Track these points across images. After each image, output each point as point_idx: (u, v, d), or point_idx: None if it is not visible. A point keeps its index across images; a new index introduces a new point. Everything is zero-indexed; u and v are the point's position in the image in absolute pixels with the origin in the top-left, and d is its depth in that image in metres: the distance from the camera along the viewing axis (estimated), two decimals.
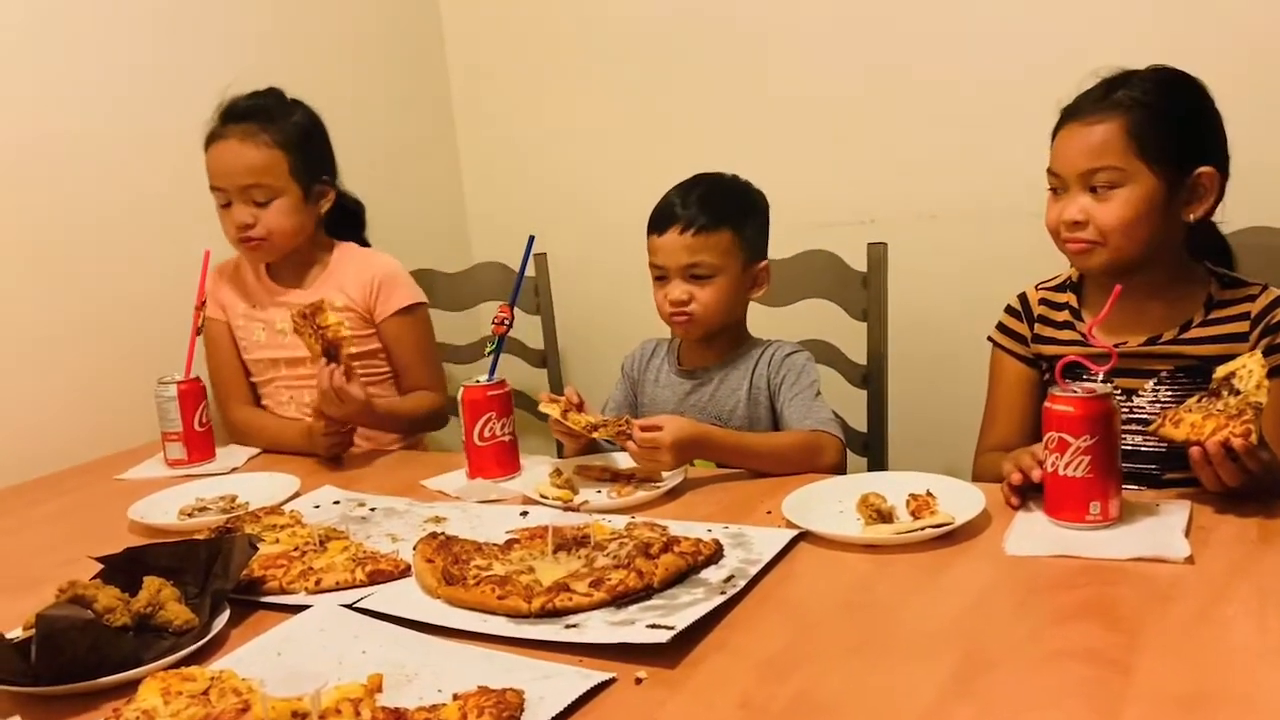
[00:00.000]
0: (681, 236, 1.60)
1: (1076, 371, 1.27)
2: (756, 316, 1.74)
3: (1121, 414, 1.19)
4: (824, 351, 1.91)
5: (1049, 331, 1.52)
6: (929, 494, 1.26)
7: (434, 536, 1.24)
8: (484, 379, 1.58)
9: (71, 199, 1.89)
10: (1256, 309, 1.39)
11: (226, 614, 1.10)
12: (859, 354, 1.95)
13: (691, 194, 1.63)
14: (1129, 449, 1.37)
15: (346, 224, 2.01)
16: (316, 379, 1.67)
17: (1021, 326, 1.55)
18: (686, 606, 1.04)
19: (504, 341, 1.61)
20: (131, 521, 1.47)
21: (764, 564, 1.14)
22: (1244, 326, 1.39)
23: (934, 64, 2.14)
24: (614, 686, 0.92)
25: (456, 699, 0.89)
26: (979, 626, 1.00)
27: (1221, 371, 1.21)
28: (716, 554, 1.17)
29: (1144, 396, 1.41)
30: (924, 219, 2.18)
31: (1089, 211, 1.37)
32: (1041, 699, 0.87)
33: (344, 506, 1.48)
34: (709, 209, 1.60)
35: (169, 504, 1.53)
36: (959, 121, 2.13)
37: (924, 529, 1.18)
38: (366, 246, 2.03)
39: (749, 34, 2.32)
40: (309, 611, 1.11)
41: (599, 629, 1.01)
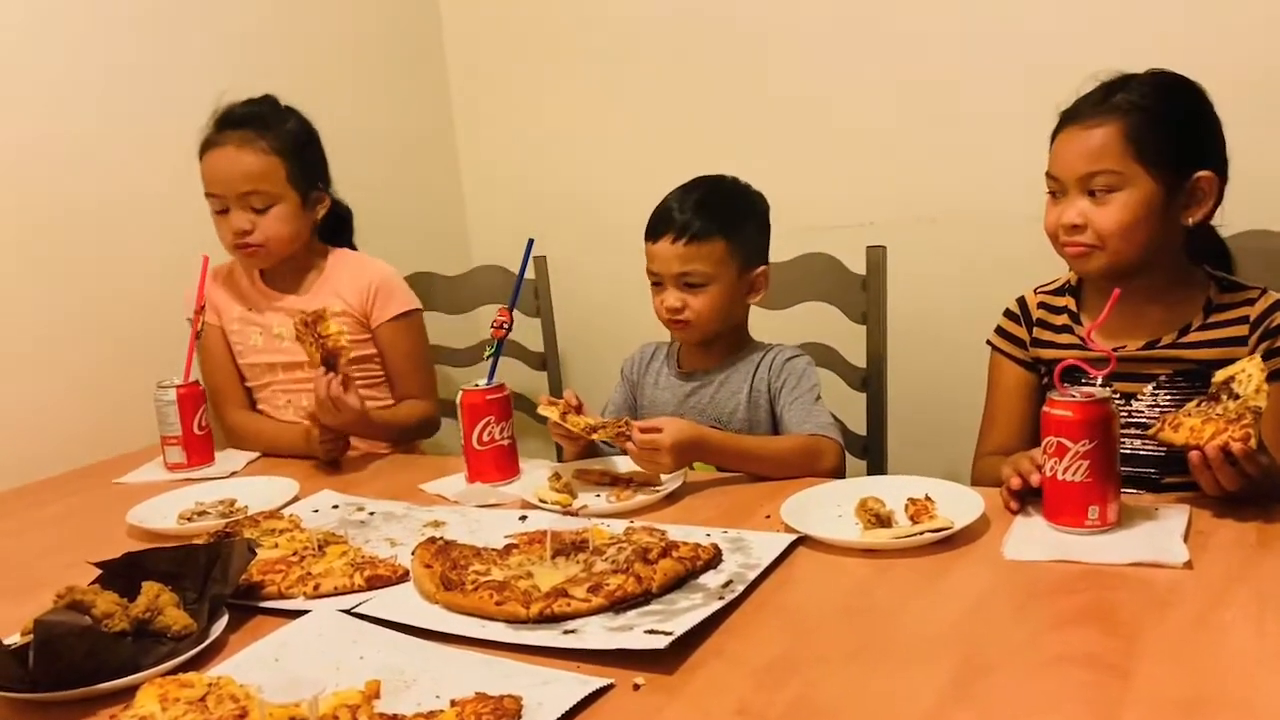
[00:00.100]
0: (674, 245, 1.60)
1: (1075, 375, 1.27)
2: (755, 319, 1.74)
3: (1120, 418, 1.19)
4: (823, 354, 1.92)
5: (1047, 335, 1.51)
6: (928, 498, 1.26)
7: (432, 541, 1.24)
8: (483, 383, 1.58)
9: (70, 202, 1.89)
10: (1255, 312, 1.39)
11: (225, 619, 1.09)
12: (858, 357, 1.95)
13: (687, 201, 1.62)
14: (1128, 453, 1.37)
15: (336, 230, 2.02)
16: (314, 387, 1.68)
17: (1020, 330, 1.55)
18: (685, 612, 1.04)
19: (503, 345, 1.61)
20: (130, 526, 1.46)
21: (762, 569, 1.14)
22: (1243, 330, 1.39)
23: (933, 67, 2.14)
24: (612, 692, 0.92)
25: (454, 705, 0.89)
26: (978, 631, 1.00)
27: (1221, 376, 1.21)
28: (715, 559, 1.17)
29: (1143, 400, 1.41)
30: (923, 222, 2.18)
31: (1087, 215, 1.37)
32: (1040, 704, 0.87)
33: (343, 511, 1.48)
34: (702, 217, 1.60)
35: (168, 508, 1.53)
36: (958, 125, 2.13)
37: (922, 533, 1.18)
38: (356, 252, 2.04)
39: (749, 36, 2.32)
40: (307, 617, 1.11)
41: (597, 634, 1.01)
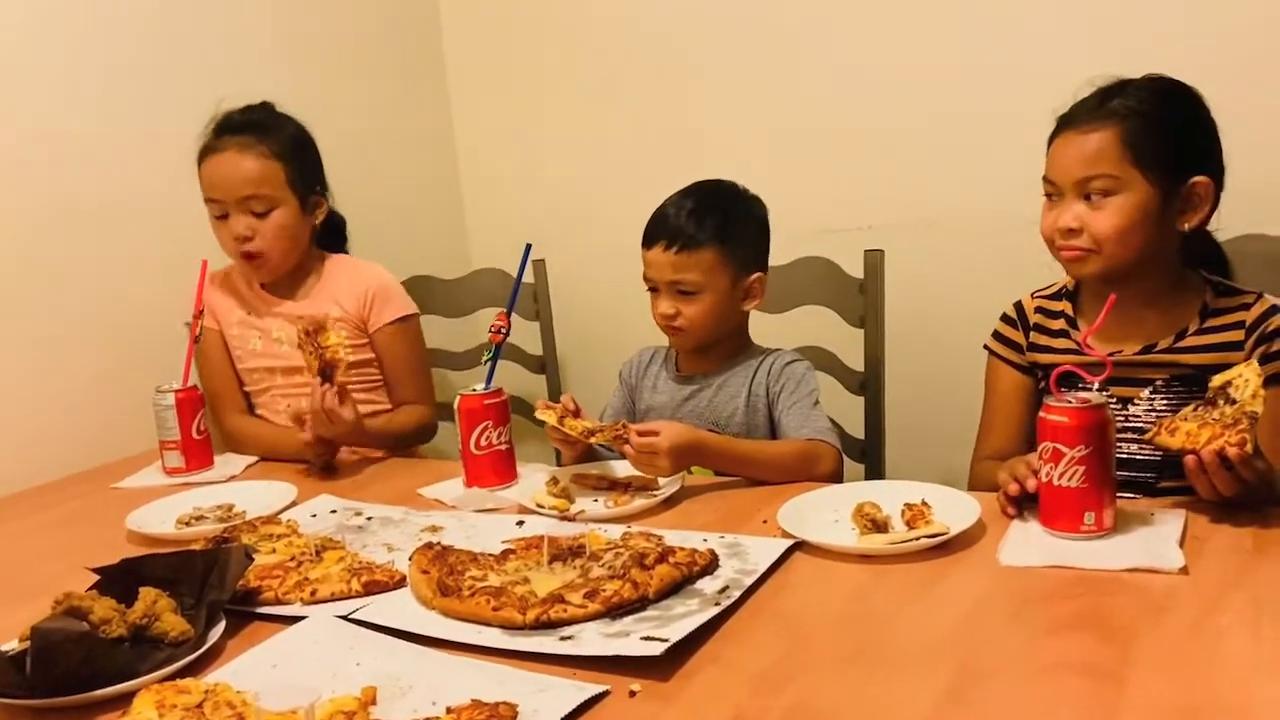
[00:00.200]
0: (666, 254, 1.60)
1: (1071, 381, 1.27)
2: (752, 322, 1.74)
3: (1117, 423, 1.19)
4: (821, 358, 1.92)
5: (1044, 340, 1.52)
6: (924, 503, 1.26)
7: (429, 547, 1.24)
8: (480, 387, 1.58)
9: (69, 205, 1.89)
10: (1251, 317, 1.39)
11: (222, 625, 1.09)
12: (856, 361, 1.95)
13: (681, 208, 1.62)
14: (1124, 457, 1.37)
15: (331, 237, 2.03)
16: (309, 397, 1.68)
17: (1017, 335, 1.55)
18: (681, 618, 1.04)
19: (501, 350, 1.61)
20: (129, 531, 1.46)
21: (759, 575, 1.14)
22: (1239, 335, 1.39)
23: (931, 70, 2.14)
24: (608, 699, 0.92)
25: (450, 712, 0.89)
26: (974, 637, 1.00)
27: (1217, 380, 1.21)
28: (712, 564, 1.17)
29: (1139, 405, 1.41)
30: (921, 226, 2.18)
31: (1083, 219, 1.37)
32: (1036, 710, 0.87)
33: (340, 515, 1.48)
34: (695, 225, 1.60)
35: (166, 513, 1.53)
36: (956, 128, 2.13)
37: (919, 539, 1.18)
38: (353, 258, 2.05)
39: (747, 42, 2.32)
40: (304, 623, 1.11)
41: (594, 641, 1.01)
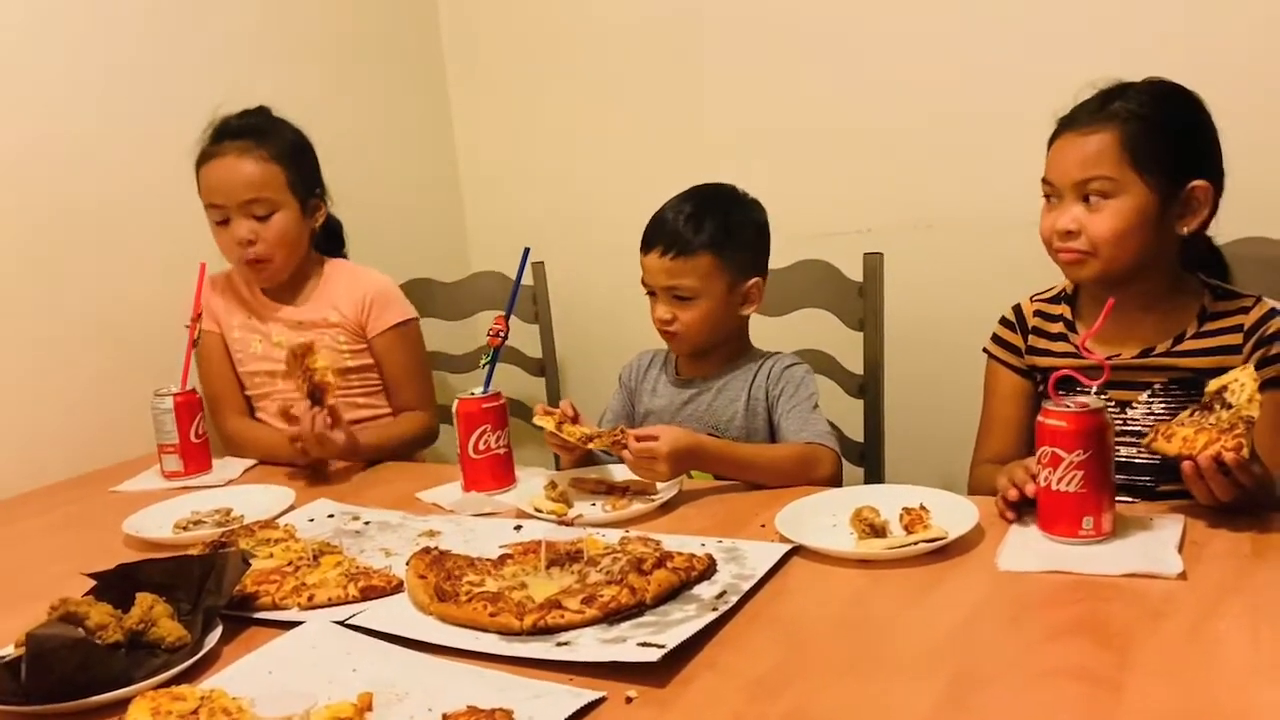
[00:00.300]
0: (662, 259, 1.60)
1: (1070, 384, 1.27)
2: (751, 325, 1.74)
3: (1115, 426, 1.19)
4: (820, 361, 1.91)
5: (1043, 343, 1.51)
6: (922, 508, 1.25)
7: (427, 551, 1.24)
8: (479, 391, 1.58)
9: (68, 206, 1.89)
10: (1250, 321, 1.39)
11: (219, 630, 1.09)
12: (855, 364, 1.94)
13: (680, 213, 1.62)
14: (1123, 461, 1.37)
15: (329, 242, 2.03)
16: (299, 421, 1.68)
17: (1016, 338, 1.55)
18: (678, 623, 1.04)
19: (499, 353, 1.61)
20: (126, 535, 1.46)
21: (756, 580, 1.14)
22: (1237, 339, 1.38)
23: (931, 73, 2.14)
24: (604, 706, 0.92)
25: (446, 718, 0.88)
26: (972, 643, 1.00)
27: (1214, 385, 1.21)
28: (709, 569, 1.17)
29: (1138, 409, 1.41)
30: (920, 229, 2.17)
31: (1081, 222, 1.37)
32: (1034, 716, 0.87)
33: (338, 520, 1.48)
34: (692, 231, 1.60)
35: (164, 517, 1.53)
36: (955, 131, 2.12)
37: (917, 544, 1.18)
38: (352, 263, 2.05)
39: (747, 43, 2.32)
40: (301, 628, 1.11)
41: (590, 647, 1.01)
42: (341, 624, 1.11)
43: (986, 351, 1.59)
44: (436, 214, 2.71)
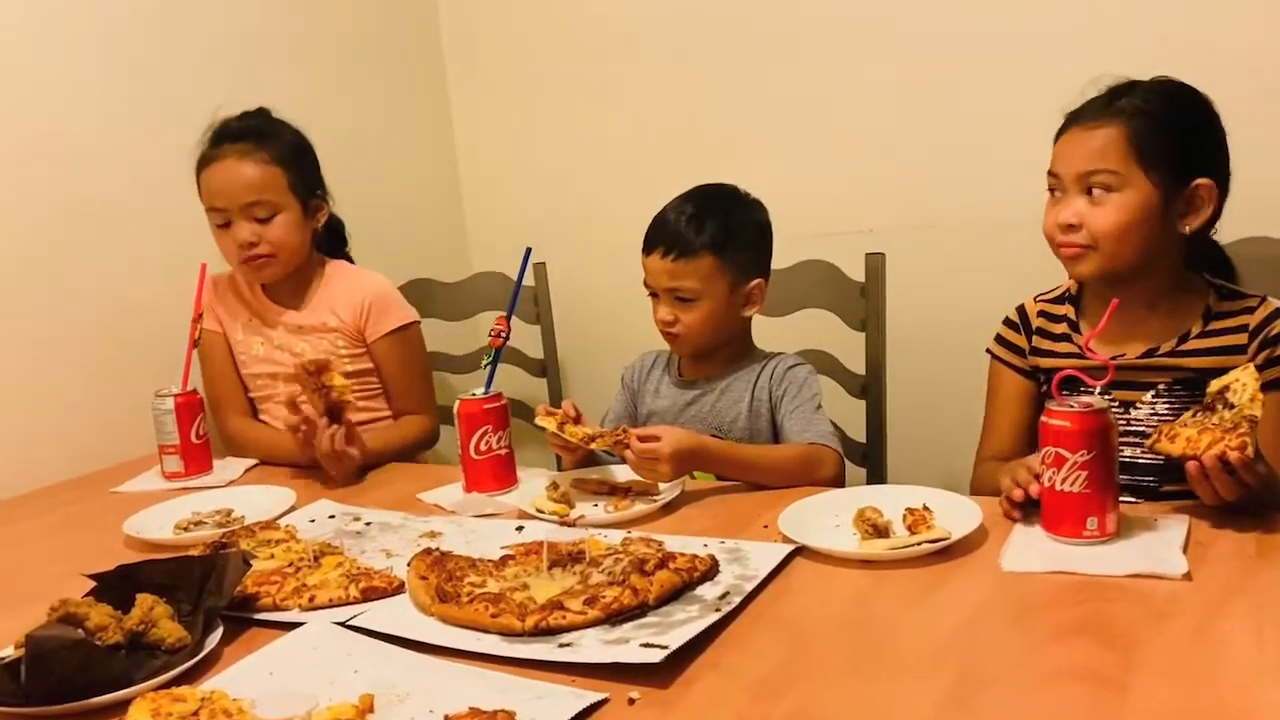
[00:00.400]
0: (664, 261, 1.60)
1: (1074, 385, 1.27)
2: (754, 326, 1.73)
3: (1119, 426, 1.19)
4: (822, 362, 1.91)
5: (1047, 344, 1.51)
6: (925, 508, 1.25)
7: (428, 552, 1.23)
8: (480, 392, 1.57)
9: (67, 210, 1.89)
10: (1255, 321, 1.38)
11: (220, 631, 1.09)
12: (857, 364, 1.94)
13: (681, 214, 1.62)
14: (1127, 461, 1.36)
15: (331, 241, 2.02)
16: (316, 438, 1.66)
17: (1019, 338, 1.55)
18: (681, 624, 1.03)
19: (501, 354, 1.61)
20: (127, 536, 1.46)
21: (760, 580, 1.14)
22: (1242, 339, 1.38)
23: (933, 71, 2.14)
24: (607, 707, 0.91)
25: None
26: (975, 643, 1.00)
27: (1215, 385, 1.20)
28: (712, 570, 1.16)
29: (1142, 409, 1.41)
30: (922, 229, 2.17)
31: (1083, 215, 1.37)
32: (1038, 717, 0.87)
33: (339, 521, 1.48)
34: (693, 232, 1.59)
35: (164, 518, 1.52)
36: (958, 131, 2.12)
37: (920, 544, 1.18)
38: (351, 263, 2.04)
39: (749, 44, 2.32)
40: (302, 629, 1.10)
41: (593, 648, 1.01)
42: (342, 625, 1.10)
43: (990, 352, 1.58)
44: (437, 214, 2.71)
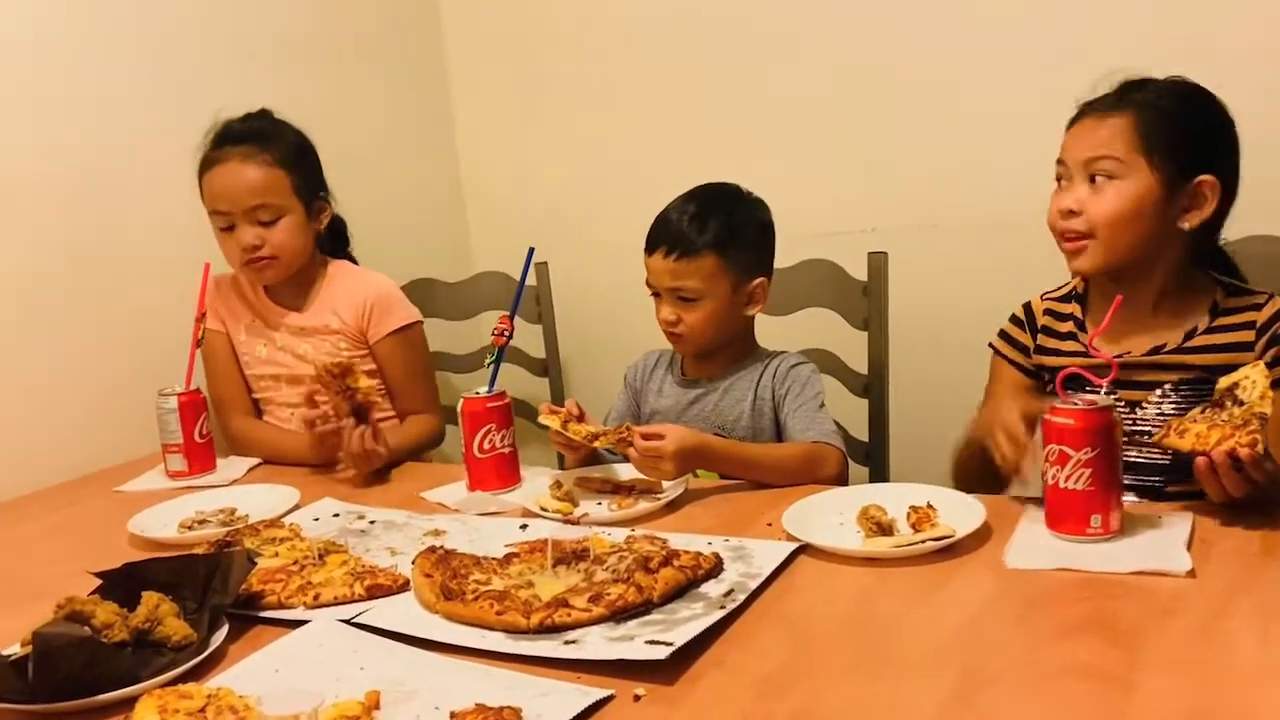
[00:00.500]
0: (666, 260, 1.60)
1: (1079, 384, 1.27)
2: (756, 325, 1.73)
3: (1125, 426, 1.19)
4: (825, 361, 1.91)
5: (1052, 343, 1.51)
6: (929, 506, 1.25)
7: (433, 550, 1.23)
8: (484, 390, 1.58)
9: (70, 211, 1.89)
10: (1262, 318, 1.38)
11: (225, 629, 1.09)
12: (860, 363, 1.94)
13: (683, 213, 1.61)
14: (1132, 460, 1.36)
15: (333, 241, 2.02)
16: (344, 439, 1.67)
17: (1025, 336, 1.55)
18: (686, 622, 1.04)
19: (504, 353, 1.61)
20: (131, 535, 1.46)
21: (764, 578, 1.14)
22: (1249, 336, 1.38)
23: (935, 73, 2.13)
24: (612, 704, 0.91)
25: (454, 717, 0.88)
26: (979, 641, 1.00)
27: (1224, 382, 1.21)
28: (716, 568, 1.17)
29: (1148, 409, 1.40)
30: (925, 228, 2.17)
31: (1083, 202, 1.38)
32: (1042, 715, 0.87)
33: (343, 519, 1.48)
34: (695, 231, 1.59)
35: (169, 517, 1.53)
36: (960, 130, 2.12)
37: (924, 542, 1.18)
38: (354, 263, 2.04)
39: (750, 44, 2.32)
40: (307, 627, 1.11)
41: (598, 645, 1.01)
42: (348, 623, 1.10)
43: (992, 346, 1.58)
44: (439, 214, 2.71)
